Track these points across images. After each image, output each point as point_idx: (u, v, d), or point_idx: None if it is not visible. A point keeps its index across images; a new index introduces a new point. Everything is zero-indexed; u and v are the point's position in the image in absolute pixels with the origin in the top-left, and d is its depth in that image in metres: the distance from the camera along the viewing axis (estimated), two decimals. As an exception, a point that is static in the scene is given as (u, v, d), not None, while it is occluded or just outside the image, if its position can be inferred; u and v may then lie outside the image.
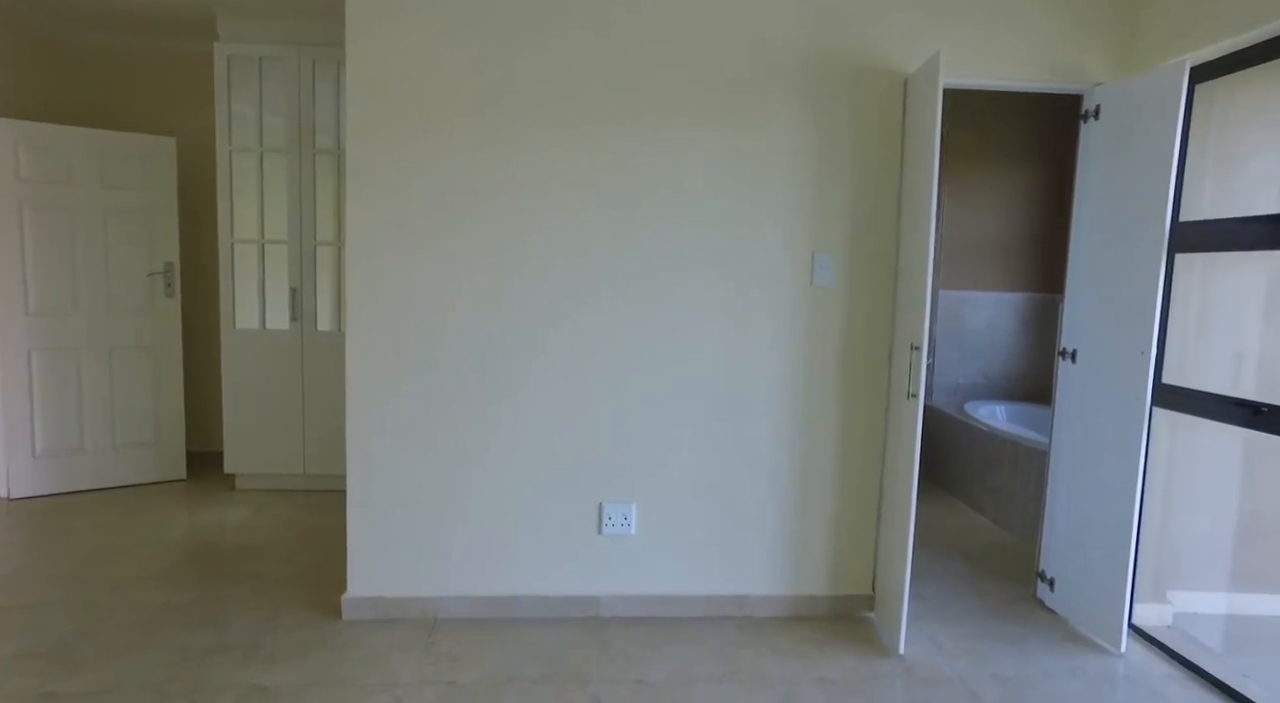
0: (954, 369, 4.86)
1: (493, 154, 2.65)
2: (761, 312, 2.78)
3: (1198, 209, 2.69)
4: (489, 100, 2.63)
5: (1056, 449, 2.97)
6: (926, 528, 3.95)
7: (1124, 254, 2.66)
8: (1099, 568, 2.71)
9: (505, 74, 2.63)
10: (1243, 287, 2.77)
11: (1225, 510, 2.88)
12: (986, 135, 4.80)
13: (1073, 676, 2.50)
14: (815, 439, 2.85)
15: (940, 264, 4.82)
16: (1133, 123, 2.63)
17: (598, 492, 2.82)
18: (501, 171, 2.66)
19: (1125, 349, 2.62)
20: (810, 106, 2.72)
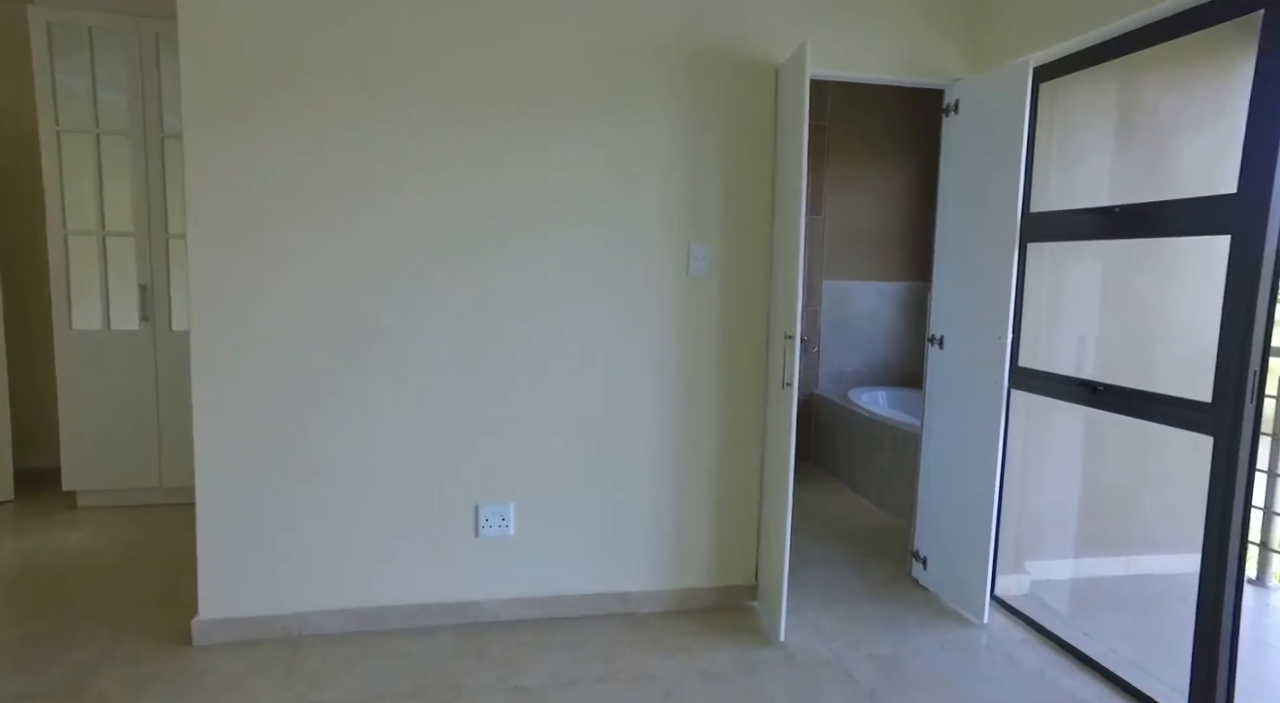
0: (839, 357, 5.00)
1: (353, 139, 2.48)
2: (639, 303, 2.74)
3: (1045, 201, 2.84)
4: (348, 79, 2.46)
5: (927, 432, 3.08)
6: (812, 513, 4.04)
7: (982, 244, 2.77)
8: (964, 545, 2.83)
9: (365, 51, 2.46)
10: (1084, 274, 2.95)
11: (1073, 483, 3.07)
12: (869, 128, 4.95)
13: (940, 649, 2.59)
14: (695, 431, 2.83)
15: (825, 255, 4.94)
16: (986, 118, 2.74)
17: (474, 492, 2.70)
18: (360, 158, 2.49)
19: (985, 335, 2.74)
20: (685, 97, 2.69)
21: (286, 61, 2.41)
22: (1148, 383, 2.33)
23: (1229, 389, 2.01)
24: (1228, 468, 2.02)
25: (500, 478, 2.71)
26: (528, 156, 2.60)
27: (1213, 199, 2.08)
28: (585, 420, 2.75)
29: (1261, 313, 1.95)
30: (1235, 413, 1.99)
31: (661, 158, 2.70)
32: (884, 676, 2.42)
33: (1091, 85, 2.93)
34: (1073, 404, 2.61)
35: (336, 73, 2.45)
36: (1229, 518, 2.03)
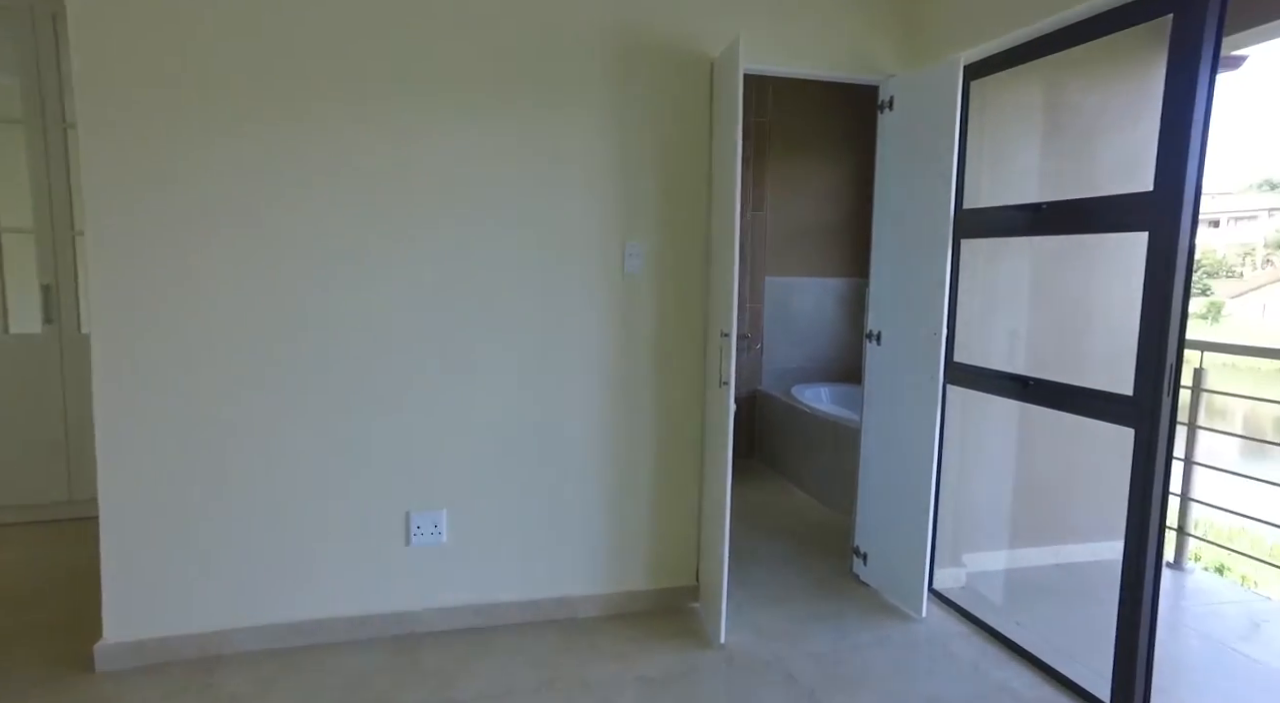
0: (782, 354, 5.02)
1: (262, 131, 2.34)
2: (573, 302, 2.67)
3: (978, 197, 2.87)
4: (254, 68, 2.32)
5: (866, 428, 3.09)
6: (756, 511, 4.03)
7: (917, 240, 2.79)
8: (903, 540, 2.85)
9: (268, 38, 2.33)
10: (1016, 269, 3.00)
11: (1007, 476, 3.13)
12: (811, 124, 4.97)
13: (880, 646, 2.60)
14: (633, 431, 2.78)
15: (767, 251, 4.95)
16: (920, 115, 2.76)
17: (404, 500, 2.60)
18: (271, 151, 2.36)
19: (921, 330, 2.75)
20: (618, 90, 2.63)
21: (184, 50, 2.27)
22: (1078, 377, 2.37)
23: (1148, 382, 2.06)
24: (1147, 459, 2.07)
25: (432, 485, 2.62)
26: (450, 152, 2.50)
27: (1131, 196, 2.13)
28: (519, 424, 2.67)
29: (1176, 308, 1.99)
30: (1154, 405, 2.04)
31: (594, 153, 2.63)
32: (824, 675, 2.42)
33: (1021, 85, 2.99)
34: (1006, 399, 2.65)
35: (239, 61, 2.31)
36: (1149, 507, 2.07)
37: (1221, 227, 39.37)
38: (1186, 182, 1.96)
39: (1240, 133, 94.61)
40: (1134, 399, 2.11)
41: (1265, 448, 12.09)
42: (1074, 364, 2.96)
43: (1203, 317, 32.02)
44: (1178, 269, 1.98)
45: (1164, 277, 2.01)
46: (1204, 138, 1.95)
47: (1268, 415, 18.86)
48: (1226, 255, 37.12)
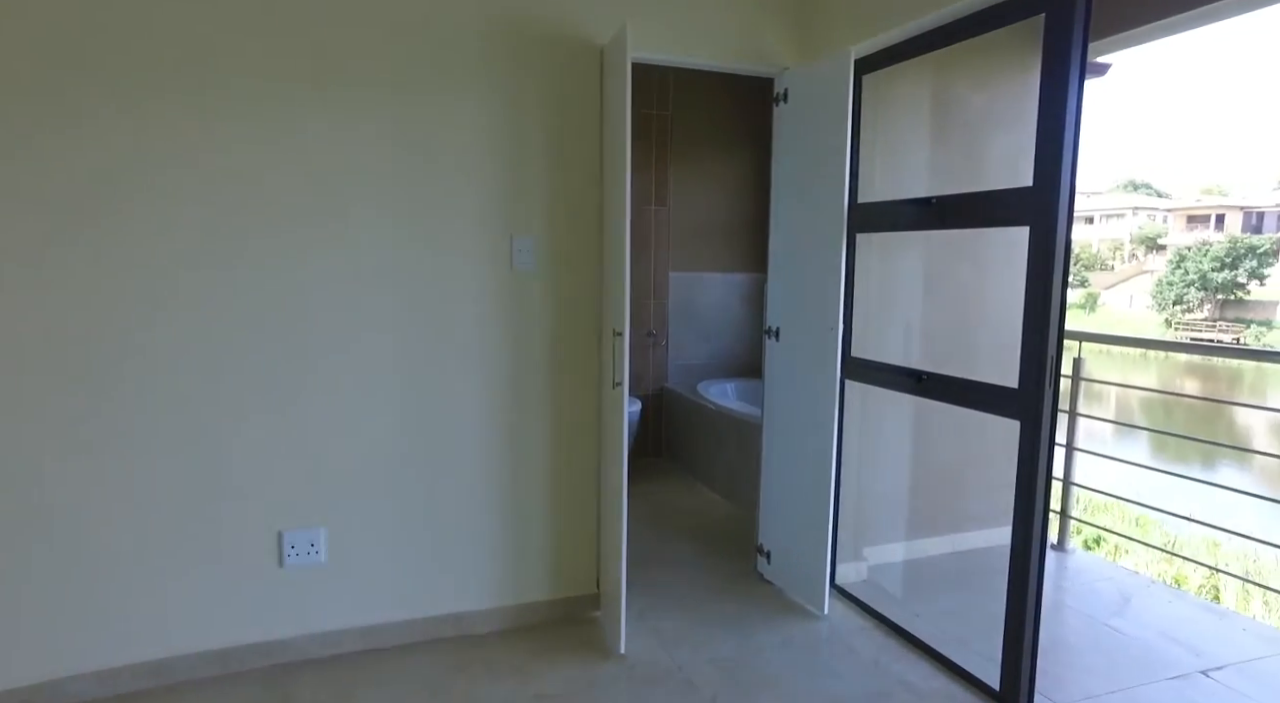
0: (688, 350, 4.98)
1: (97, 121, 2.08)
2: (458, 302, 2.52)
3: (873, 191, 2.88)
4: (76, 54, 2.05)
5: (767, 425, 3.07)
6: (664, 511, 3.97)
7: (812, 234, 2.77)
8: (804, 537, 2.83)
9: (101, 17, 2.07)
10: (911, 264, 3.04)
11: (906, 468, 3.17)
12: (715, 116, 4.93)
13: (784, 647, 2.57)
14: (527, 436, 2.65)
15: (671, 246, 4.89)
16: (813, 108, 2.74)
17: (276, 520, 2.38)
18: (108, 144, 2.10)
19: (818, 325, 2.74)
20: (504, 78, 2.49)
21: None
22: (974, 370, 2.38)
23: (1031, 375, 2.09)
24: (1032, 449, 2.10)
25: (308, 502, 2.41)
26: (316, 144, 2.30)
27: (1012, 192, 2.15)
28: (404, 432, 2.50)
29: (1055, 301, 2.03)
30: (1037, 397, 2.07)
31: (478, 144, 2.48)
32: (726, 680, 2.36)
33: (915, 81, 3.02)
34: (901, 393, 2.66)
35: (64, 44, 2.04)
36: (1033, 498, 2.11)
37: (1095, 223, 42.49)
38: (1062, 178, 1.99)
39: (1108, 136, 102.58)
40: (1019, 392, 2.14)
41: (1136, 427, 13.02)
42: (971, 357, 3.02)
43: (1081, 307, 34.52)
44: (1056, 263, 2.02)
45: (1043, 271, 2.04)
46: (1076, 134, 1.99)
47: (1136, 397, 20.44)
48: (1100, 250, 40.11)
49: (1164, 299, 30.64)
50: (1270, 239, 32.16)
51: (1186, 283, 29.79)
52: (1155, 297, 31.33)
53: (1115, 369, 27.68)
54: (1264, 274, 29.36)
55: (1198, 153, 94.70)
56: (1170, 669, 2.44)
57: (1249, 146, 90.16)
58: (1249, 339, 27.75)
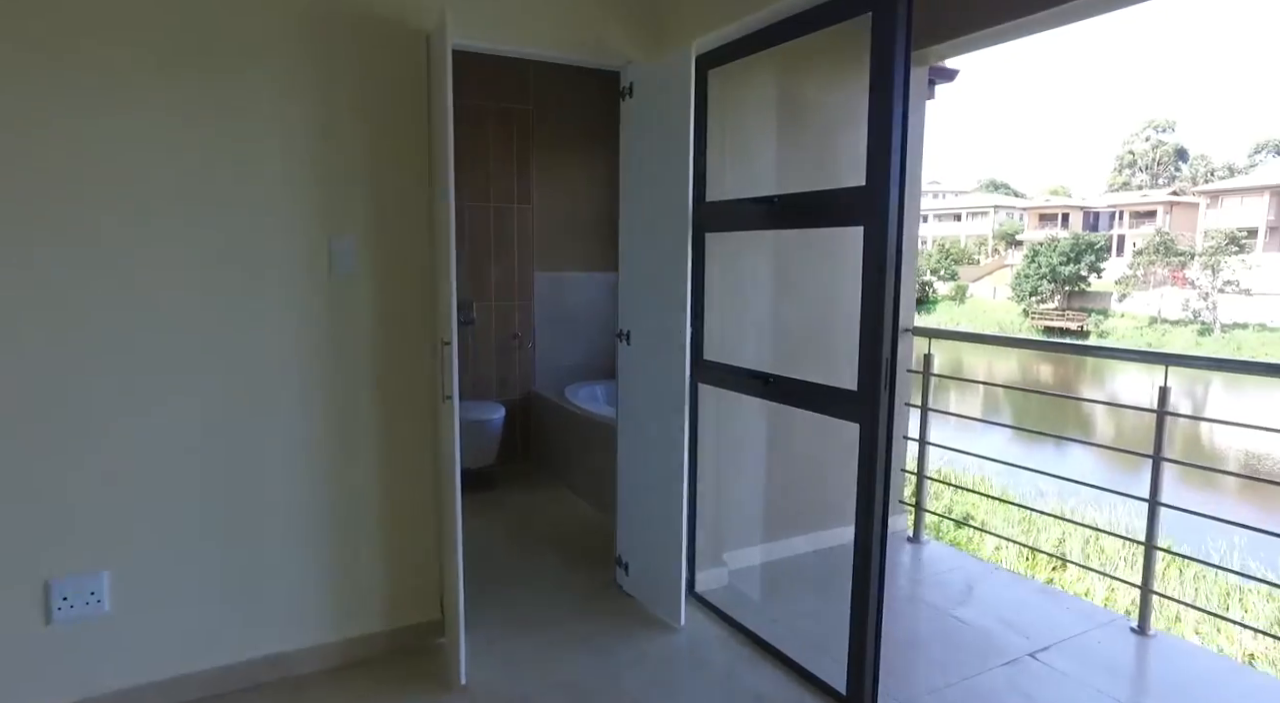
0: (556, 352, 4.81)
1: None
2: (267, 310, 2.25)
3: (722, 190, 2.81)
4: None
5: (622, 431, 2.95)
6: (528, 522, 3.80)
7: (660, 234, 2.67)
8: (660, 546, 2.74)
9: None
10: (767, 263, 3.00)
11: (765, 469, 3.14)
12: (579, 111, 4.76)
13: (637, 665, 2.46)
14: (352, 454, 2.42)
15: (535, 245, 4.71)
16: (658, 103, 2.64)
17: (41, 568, 2.04)
18: None
19: (667, 328, 2.64)
20: (320, 64, 2.24)
21: None
22: (828, 372, 2.33)
23: (869, 377, 2.06)
24: (871, 452, 2.08)
25: (85, 544, 2.08)
26: (94, 139, 1.98)
27: (847, 191, 2.12)
28: (205, 457, 2.21)
29: (889, 302, 2.01)
30: (874, 400, 2.05)
31: (289, 136, 2.22)
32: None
33: (767, 79, 2.97)
34: (751, 397, 2.61)
35: None
36: (872, 499, 2.09)
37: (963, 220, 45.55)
38: (892, 177, 1.97)
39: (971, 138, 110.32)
40: (858, 395, 2.11)
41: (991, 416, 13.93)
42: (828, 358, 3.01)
43: (953, 298, 36.92)
44: (889, 263, 1.99)
45: (877, 271, 2.01)
46: (904, 134, 1.97)
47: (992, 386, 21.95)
48: (967, 245, 43.03)
49: (1022, 291, 33.15)
50: (1104, 237, 35.67)
51: (1040, 276, 32.34)
52: (1015, 288, 33.84)
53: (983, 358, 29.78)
54: (1100, 268, 32.38)
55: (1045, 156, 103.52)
56: (1004, 655, 2.51)
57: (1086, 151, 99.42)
58: (1091, 326, 30.52)
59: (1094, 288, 32.28)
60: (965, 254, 41.72)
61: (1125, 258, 33.54)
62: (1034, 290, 32.54)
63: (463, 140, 4.45)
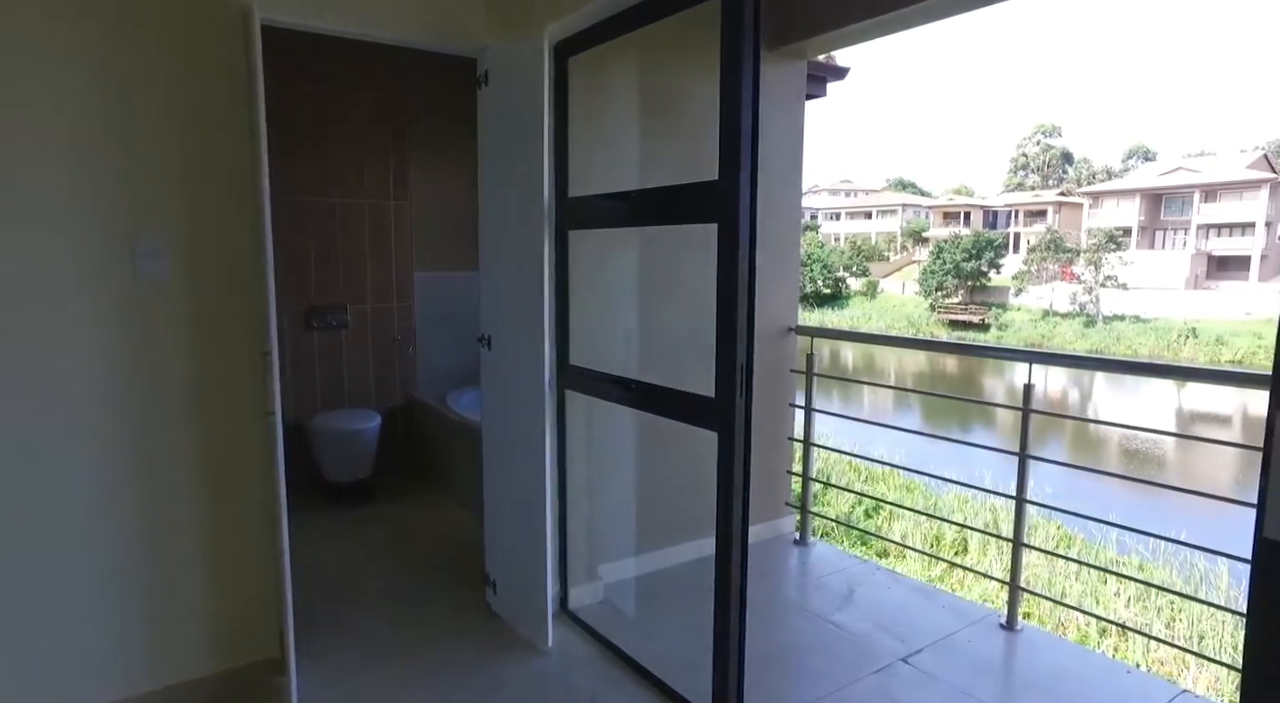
0: (439, 357, 4.57)
1: None
2: (61, 321, 1.96)
3: (590, 184, 2.66)
4: None
5: (487, 443, 2.78)
6: (403, 536, 3.56)
7: (519, 232, 2.50)
8: (527, 562, 2.57)
9: None
10: (638, 261, 2.87)
11: (640, 477, 3.02)
12: (460, 102, 4.50)
13: (495, 693, 2.30)
14: (170, 481, 2.15)
15: (414, 244, 4.45)
16: (514, 92, 2.47)
17: None
18: None
19: (528, 332, 2.48)
20: (112, 37, 1.96)
21: None
22: (701, 378, 2.20)
23: (726, 384, 1.96)
24: (729, 463, 1.98)
25: None
26: None
27: (701, 186, 2.01)
28: (-27, 491, 1.90)
29: (743, 304, 1.91)
30: (731, 408, 1.94)
31: (83, 117, 1.94)
32: (416, 749, 2.04)
33: (638, 69, 2.84)
34: (616, 404, 2.48)
35: None
36: (730, 513, 1.99)
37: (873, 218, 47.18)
38: (743, 170, 1.86)
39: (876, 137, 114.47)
40: (716, 402, 2.00)
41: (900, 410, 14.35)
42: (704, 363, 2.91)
43: (864, 294, 38.16)
44: (741, 261, 1.89)
45: (731, 271, 1.91)
46: (754, 125, 1.87)
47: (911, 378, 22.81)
48: (878, 242, 44.59)
49: (929, 286, 34.56)
50: (1001, 234, 37.64)
51: (945, 271, 33.78)
52: (922, 283, 35.25)
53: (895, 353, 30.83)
54: (999, 264, 34.14)
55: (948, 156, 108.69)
56: (878, 661, 2.46)
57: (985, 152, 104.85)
58: (991, 319, 32.12)
59: (994, 283, 33.97)
60: (876, 251, 43.19)
61: (1021, 254, 35.46)
62: (939, 285, 33.97)
63: (332, 133, 4.17)
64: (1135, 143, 54.40)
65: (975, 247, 33.87)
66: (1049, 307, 31.44)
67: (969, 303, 33.68)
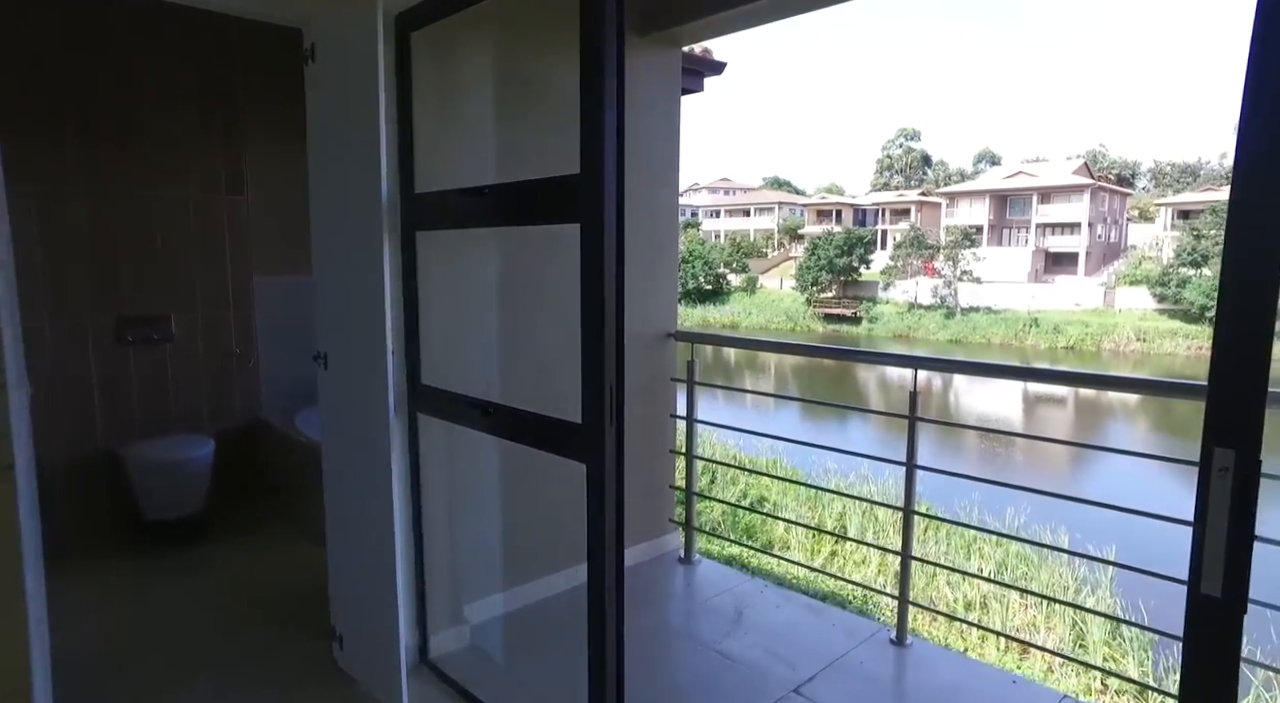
0: (286, 371, 4.07)
1: None
2: None
3: (444, 180, 2.33)
4: None
5: (328, 477, 2.41)
6: (240, 582, 3.10)
7: (355, 233, 2.15)
8: (376, 610, 2.22)
9: None
10: (492, 268, 2.57)
11: (511, 507, 2.73)
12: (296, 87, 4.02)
13: (337, 775, 1.95)
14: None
15: (253, 245, 3.93)
16: (345, 70, 2.11)
17: None
18: None
19: (369, 349, 2.13)
20: None
21: None
22: (570, 402, 1.93)
23: (594, 408, 1.71)
24: (599, 498, 1.74)
25: None
26: None
27: (561, 180, 1.75)
28: None
29: (611, 317, 1.67)
30: (599, 436, 1.70)
31: None
32: None
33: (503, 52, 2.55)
34: (473, 430, 2.18)
35: None
36: (603, 553, 1.76)
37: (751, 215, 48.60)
38: (606, 162, 1.61)
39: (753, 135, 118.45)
40: (582, 428, 1.75)
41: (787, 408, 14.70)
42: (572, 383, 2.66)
43: (744, 290, 39.24)
44: (606, 268, 1.64)
45: (596, 278, 1.66)
46: (620, 111, 1.63)
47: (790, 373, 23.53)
48: (756, 239, 45.98)
49: (805, 281, 35.96)
50: (870, 231, 39.81)
51: (819, 267, 35.25)
52: (799, 279, 36.64)
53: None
54: (869, 260, 36.06)
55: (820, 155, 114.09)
56: (770, 695, 2.31)
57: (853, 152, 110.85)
58: (863, 312, 33.87)
59: (865, 278, 35.81)
60: (755, 248, 44.53)
61: (888, 251, 37.58)
62: (815, 281, 35.42)
63: (147, 114, 3.59)
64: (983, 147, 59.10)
65: (847, 243, 35.55)
66: (914, 300, 33.50)
67: (842, 297, 35.33)
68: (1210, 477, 0.87)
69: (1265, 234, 0.90)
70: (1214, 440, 0.87)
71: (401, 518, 2.20)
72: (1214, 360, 0.88)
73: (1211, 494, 0.87)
